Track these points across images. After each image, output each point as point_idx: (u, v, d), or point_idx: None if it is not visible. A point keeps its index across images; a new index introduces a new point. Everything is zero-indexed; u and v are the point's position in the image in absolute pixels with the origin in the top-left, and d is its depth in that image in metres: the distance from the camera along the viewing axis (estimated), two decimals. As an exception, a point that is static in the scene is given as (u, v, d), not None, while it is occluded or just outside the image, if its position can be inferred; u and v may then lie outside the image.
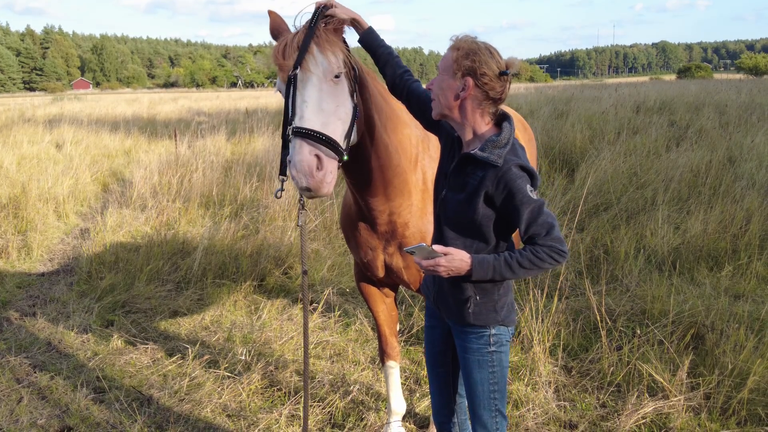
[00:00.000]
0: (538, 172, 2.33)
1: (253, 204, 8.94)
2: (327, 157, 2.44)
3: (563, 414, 4.05)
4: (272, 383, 4.53)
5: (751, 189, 8.18)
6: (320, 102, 2.49)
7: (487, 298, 2.39)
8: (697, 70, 74.57)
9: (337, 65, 2.55)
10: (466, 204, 2.32)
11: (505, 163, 2.24)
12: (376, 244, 3.32)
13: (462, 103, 2.32)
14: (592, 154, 10.60)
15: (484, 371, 2.46)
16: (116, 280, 6.37)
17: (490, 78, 2.25)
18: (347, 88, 2.61)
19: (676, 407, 3.90)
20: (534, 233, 2.23)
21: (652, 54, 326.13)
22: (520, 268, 2.23)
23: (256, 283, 6.43)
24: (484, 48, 2.28)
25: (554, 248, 2.22)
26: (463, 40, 2.31)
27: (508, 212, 2.27)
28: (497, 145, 2.27)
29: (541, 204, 2.23)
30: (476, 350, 2.45)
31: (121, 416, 4.09)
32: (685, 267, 6.25)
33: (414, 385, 4.52)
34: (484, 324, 2.41)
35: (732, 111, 15.62)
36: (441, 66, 2.35)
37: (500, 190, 2.24)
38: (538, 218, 2.22)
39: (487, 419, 2.52)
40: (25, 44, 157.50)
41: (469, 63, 2.25)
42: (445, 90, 2.33)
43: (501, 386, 2.49)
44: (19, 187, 9.20)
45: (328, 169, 2.44)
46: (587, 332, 5.08)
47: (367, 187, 3.08)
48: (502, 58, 2.30)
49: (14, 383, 4.53)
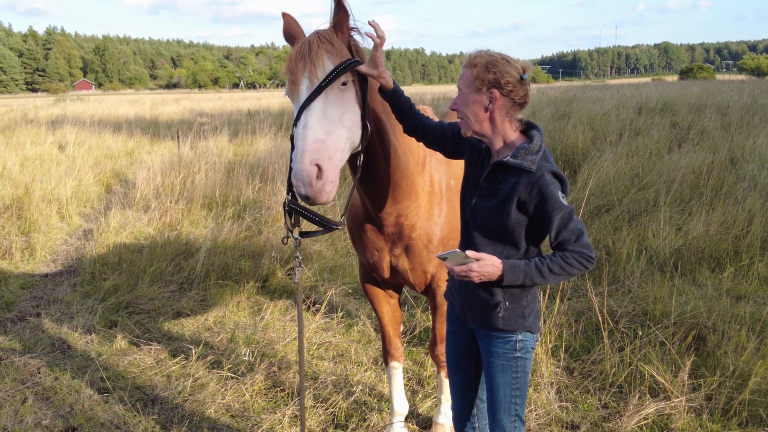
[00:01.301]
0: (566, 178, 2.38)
1: (255, 205, 8.96)
2: (327, 166, 2.46)
3: (565, 415, 4.07)
4: (275, 384, 4.55)
5: (753, 190, 8.18)
6: (325, 110, 2.53)
7: (517, 303, 2.43)
8: (699, 71, 74.45)
9: (344, 74, 2.57)
10: (497, 210, 2.37)
11: (539, 169, 2.30)
12: (383, 245, 3.34)
13: (491, 115, 2.39)
14: (594, 155, 10.60)
15: (508, 376, 2.50)
16: (120, 281, 6.39)
17: (513, 85, 2.34)
18: (354, 95, 2.64)
19: (677, 408, 3.91)
20: (564, 239, 2.29)
21: (654, 55, 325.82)
22: (550, 274, 2.29)
23: (259, 284, 6.45)
24: (501, 58, 2.35)
25: (583, 254, 2.28)
26: (478, 55, 2.37)
27: (540, 218, 2.32)
28: (529, 151, 2.34)
29: (571, 210, 2.29)
30: (501, 355, 2.49)
31: (126, 416, 4.11)
32: (686, 268, 6.26)
33: (416, 386, 4.53)
34: (512, 329, 2.45)
35: (734, 112, 15.61)
36: (462, 85, 2.41)
37: (533, 195, 2.30)
38: (569, 224, 2.28)
39: (506, 423, 2.56)
40: (28, 45, 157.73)
41: (492, 76, 2.32)
42: (473, 106, 2.39)
43: (522, 392, 2.53)
44: (23, 188, 9.23)
45: (327, 178, 2.46)
46: (589, 333, 5.09)
47: (375, 190, 3.11)
48: (518, 64, 2.37)
49: (18, 384, 4.56)
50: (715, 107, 16.93)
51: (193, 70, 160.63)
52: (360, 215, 3.40)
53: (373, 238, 3.36)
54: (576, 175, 9.87)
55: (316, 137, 2.47)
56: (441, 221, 3.28)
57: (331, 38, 2.62)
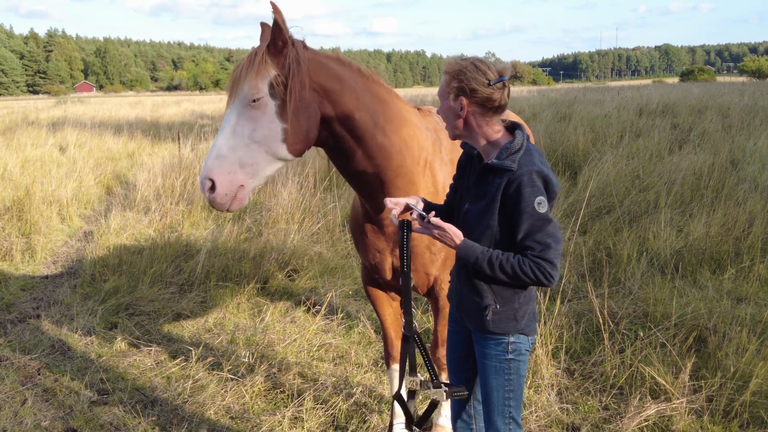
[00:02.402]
0: (555, 179, 2.36)
1: (256, 206, 8.97)
2: (221, 181, 2.70)
3: (566, 416, 4.06)
4: (275, 385, 4.54)
5: (754, 192, 8.18)
6: (235, 127, 2.74)
7: (508, 306, 2.43)
8: (699, 73, 74.41)
9: (255, 91, 2.70)
10: (485, 211, 2.39)
11: (520, 168, 2.29)
12: (384, 246, 3.33)
13: (465, 120, 2.43)
14: (595, 156, 10.60)
15: (501, 378, 2.50)
16: (120, 282, 6.39)
17: (481, 92, 2.34)
18: (270, 110, 2.73)
19: (678, 410, 3.90)
20: (528, 246, 2.27)
21: (655, 57, 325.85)
22: (500, 271, 2.30)
23: (259, 286, 6.44)
24: (470, 65, 2.36)
25: (541, 267, 2.25)
26: (449, 63, 2.43)
27: (512, 216, 2.30)
28: (511, 151, 2.34)
29: (545, 220, 2.26)
30: (494, 356, 2.49)
31: (125, 418, 4.10)
32: (687, 270, 6.25)
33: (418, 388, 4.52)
34: (504, 332, 2.45)
35: (735, 114, 15.62)
36: (439, 93, 2.48)
37: (512, 191, 2.29)
38: (537, 234, 2.26)
39: (500, 425, 2.56)
40: (29, 47, 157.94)
41: (457, 84, 2.37)
42: (448, 113, 2.46)
43: (516, 394, 2.53)
44: (23, 189, 9.24)
45: (220, 191, 2.71)
46: (590, 335, 5.08)
47: (364, 188, 3.13)
48: (492, 68, 2.36)
49: (18, 385, 4.55)
50: (716, 109, 16.94)
51: (194, 72, 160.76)
52: (360, 217, 3.39)
53: (374, 239, 3.35)
54: (577, 177, 9.88)
55: (218, 153, 2.71)
56: None
57: (253, 57, 2.74)
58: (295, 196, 8.41)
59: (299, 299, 6.19)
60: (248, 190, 2.80)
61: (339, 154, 3.03)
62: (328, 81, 2.85)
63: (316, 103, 2.83)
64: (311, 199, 8.50)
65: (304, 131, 2.82)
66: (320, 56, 2.91)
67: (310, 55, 2.85)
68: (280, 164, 2.87)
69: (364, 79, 3.02)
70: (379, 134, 2.99)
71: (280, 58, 2.75)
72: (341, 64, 2.96)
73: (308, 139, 2.86)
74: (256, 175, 2.80)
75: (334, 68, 2.90)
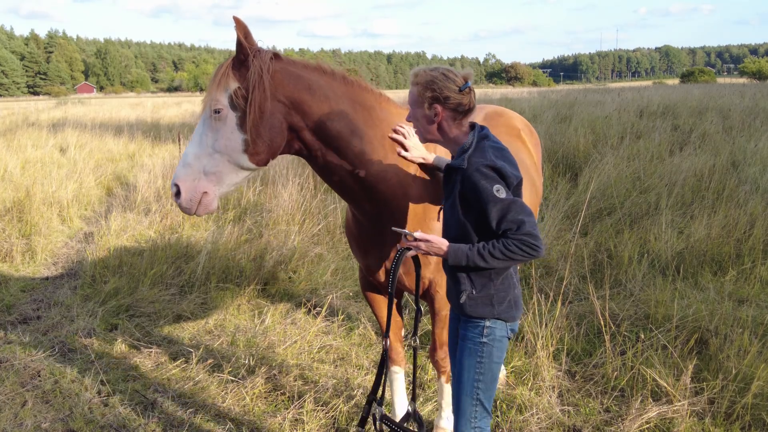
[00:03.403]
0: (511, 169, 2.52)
1: (256, 208, 8.96)
2: (186, 188, 2.83)
3: (567, 419, 4.05)
4: (276, 387, 4.53)
5: (755, 193, 8.17)
6: (201, 136, 2.85)
7: (484, 292, 2.59)
8: (700, 75, 74.36)
9: (215, 102, 2.79)
10: (453, 207, 2.61)
11: (470, 166, 2.50)
12: (375, 249, 3.33)
13: (439, 125, 2.64)
14: (596, 158, 10.60)
15: (473, 359, 2.63)
16: (120, 283, 6.39)
17: (453, 98, 2.56)
18: (232, 120, 2.81)
19: (679, 412, 3.89)
20: (505, 228, 2.45)
21: (656, 58, 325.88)
22: (492, 258, 2.46)
23: (259, 287, 6.44)
24: (440, 75, 2.57)
25: (525, 242, 2.42)
26: (419, 75, 2.62)
27: (480, 211, 2.49)
28: (463, 150, 2.57)
29: (509, 202, 2.43)
30: (470, 339, 2.65)
31: (126, 420, 4.10)
32: (688, 271, 6.25)
33: (418, 390, 4.51)
34: (480, 316, 2.61)
35: (735, 115, 15.60)
36: (410, 101, 2.67)
37: (469, 190, 2.50)
38: (507, 215, 2.43)
39: (466, 406, 2.67)
40: (29, 48, 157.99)
41: (431, 93, 2.57)
42: (421, 120, 2.66)
43: (486, 378, 2.64)
44: (24, 190, 9.23)
45: (185, 197, 2.83)
46: (591, 337, 5.08)
47: (346, 195, 3.16)
48: (459, 75, 2.59)
49: (18, 387, 4.54)
50: (717, 110, 16.92)
51: (194, 74, 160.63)
52: (352, 220, 3.41)
53: (365, 242, 3.37)
54: (577, 178, 9.87)
55: (184, 162, 2.84)
56: (437, 226, 3.24)
57: (218, 70, 2.85)
58: (295, 198, 8.41)
59: (300, 301, 6.18)
60: (214, 197, 2.88)
61: (315, 163, 3.05)
62: (297, 92, 2.87)
63: (282, 114, 2.85)
64: (312, 201, 8.50)
65: (267, 142, 2.85)
66: (292, 66, 2.92)
67: (279, 66, 2.87)
68: (245, 173, 2.94)
69: (348, 87, 3.03)
70: (356, 141, 2.99)
71: (243, 70, 2.80)
72: (320, 73, 2.98)
73: (272, 150, 2.90)
74: (221, 183, 2.89)
75: (307, 78, 2.91)
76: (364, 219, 3.25)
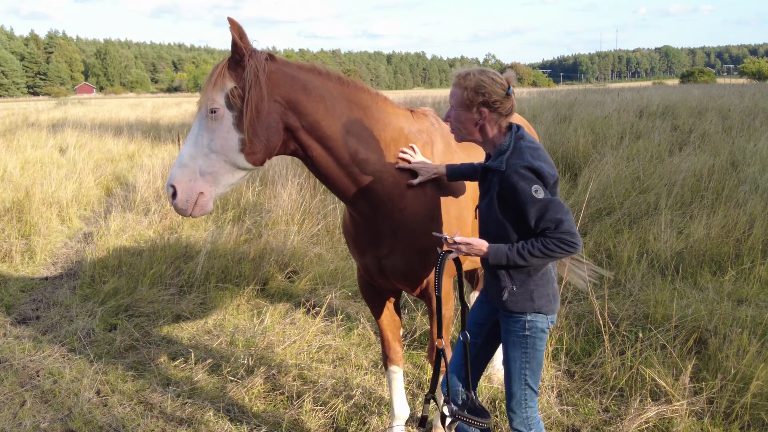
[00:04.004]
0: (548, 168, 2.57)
1: (256, 208, 8.96)
2: (182, 188, 2.81)
3: (566, 418, 4.05)
4: (275, 387, 4.53)
5: (754, 193, 8.17)
6: (196, 137, 2.84)
7: (524, 288, 2.70)
8: (700, 75, 74.35)
9: (211, 102, 2.78)
10: (489, 206, 2.70)
11: (508, 168, 2.57)
12: (368, 247, 3.33)
13: (482, 128, 2.72)
14: (595, 158, 10.60)
15: (518, 350, 2.77)
16: (119, 284, 6.38)
17: (500, 101, 2.65)
18: (228, 120, 2.80)
19: (678, 412, 3.89)
20: (543, 227, 2.53)
21: (655, 58, 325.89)
22: (531, 257, 2.55)
23: (258, 287, 6.44)
24: (488, 79, 2.64)
25: (563, 239, 2.51)
26: (468, 78, 2.66)
27: (519, 211, 2.57)
28: (500, 152, 2.64)
29: (547, 201, 2.51)
30: (513, 332, 2.77)
31: (124, 420, 4.09)
32: (688, 271, 6.25)
33: (417, 389, 4.51)
34: (521, 311, 2.72)
35: (735, 115, 15.61)
36: (454, 103, 2.72)
37: (508, 191, 2.58)
38: (546, 214, 2.51)
39: (516, 391, 2.82)
40: (29, 49, 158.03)
41: (481, 98, 2.63)
42: (464, 122, 2.73)
43: (533, 365, 2.78)
44: (23, 191, 9.23)
45: (181, 198, 2.82)
46: (590, 337, 5.07)
47: (341, 194, 3.15)
48: (504, 79, 2.66)
49: (17, 387, 4.54)
50: (716, 111, 16.93)
51: (194, 74, 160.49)
52: (348, 218, 3.42)
53: (360, 240, 3.37)
54: (577, 179, 9.87)
55: (180, 162, 2.83)
56: (434, 224, 3.22)
57: (215, 70, 2.84)
58: (295, 198, 8.41)
59: (299, 301, 6.18)
60: (210, 198, 2.87)
61: (311, 163, 3.04)
62: (292, 92, 2.88)
63: (278, 114, 2.86)
64: (311, 201, 8.50)
65: (263, 142, 2.85)
66: (287, 67, 2.93)
67: (275, 67, 2.88)
68: (242, 173, 2.92)
69: (344, 87, 3.04)
70: (351, 141, 3.00)
71: (239, 70, 2.81)
72: (315, 73, 2.99)
73: (268, 149, 2.90)
74: (217, 183, 2.88)
75: (302, 79, 2.92)
76: (361, 219, 3.26)
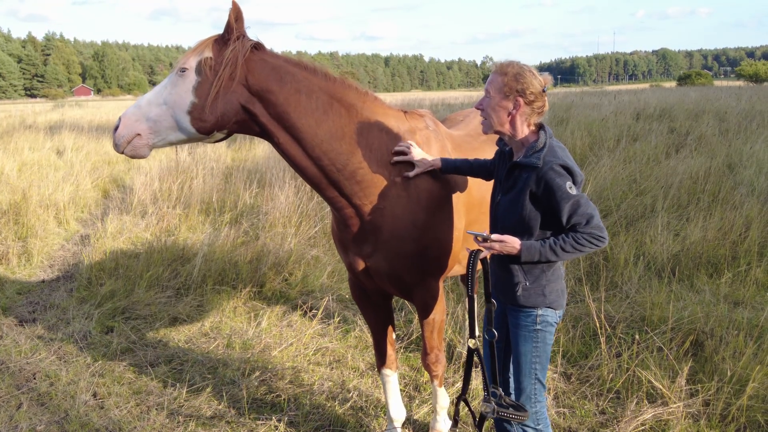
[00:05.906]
0: (577, 168, 2.67)
1: (253, 210, 8.96)
2: (124, 123, 2.94)
3: (563, 421, 4.05)
4: (271, 389, 4.53)
5: (751, 196, 8.19)
6: (162, 87, 2.99)
7: (536, 283, 2.77)
8: (697, 77, 74.38)
9: (184, 62, 2.94)
10: (514, 202, 2.73)
11: (545, 165, 2.63)
12: (351, 245, 3.32)
13: (512, 119, 2.74)
14: (592, 160, 10.62)
15: (529, 345, 2.82)
16: (116, 286, 6.38)
17: (536, 96, 2.68)
18: (190, 83, 2.93)
19: (675, 414, 3.90)
20: (575, 223, 2.60)
21: (653, 61, 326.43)
22: (563, 252, 2.62)
23: (255, 290, 6.43)
24: (528, 71, 2.69)
25: (593, 234, 2.59)
26: (508, 65, 2.71)
27: (551, 208, 2.62)
28: (535, 149, 2.68)
29: (579, 198, 2.59)
30: (524, 327, 2.82)
31: (121, 422, 4.09)
32: (684, 274, 6.26)
33: (413, 392, 4.52)
34: (533, 305, 2.78)
35: (732, 118, 15.64)
36: (491, 89, 2.75)
37: (542, 188, 2.62)
38: (578, 210, 2.59)
39: (526, 385, 2.86)
40: (27, 51, 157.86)
41: (520, 86, 2.67)
42: (498, 110, 2.74)
43: (542, 359, 2.84)
44: (20, 193, 9.22)
45: (119, 132, 2.94)
46: (586, 339, 5.08)
47: (309, 180, 3.15)
48: (542, 77, 2.70)
49: (14, 389, 4.54)
50: (713, 113, 16.96)
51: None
52: (333, 218, 3.42)
53: (342, 239, 3.38)
54: (574, 181, 9.86)
55: (137, 104, 2.98)
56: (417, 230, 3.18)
57: (202, 41, 2.99)
58: (292, 200, 8.41)
59: (296, 303, 6.18)
60: (145, 143, 2.96)
61: (278, 149, 3.10)
62: (265, 82, 2.94)
63: (242, 97, 2.94)
64: (308, 203, 8.49)
65: (216, 115, 2.95)
66: (271, 58, 3.00)
67: (258, 56, 2.96)
68: (182, 136, 2.99)
69: (329, 83, 3.05)
70: (324, 135, 3.00)
71: (224, 48, 2.92)
72: (300, 67, 3.03)
73: (218, 123, 2.98)
74: (156, 133, 2.97)
75: (282, 70, 2.97)
76: (339, 213, 3.25)
